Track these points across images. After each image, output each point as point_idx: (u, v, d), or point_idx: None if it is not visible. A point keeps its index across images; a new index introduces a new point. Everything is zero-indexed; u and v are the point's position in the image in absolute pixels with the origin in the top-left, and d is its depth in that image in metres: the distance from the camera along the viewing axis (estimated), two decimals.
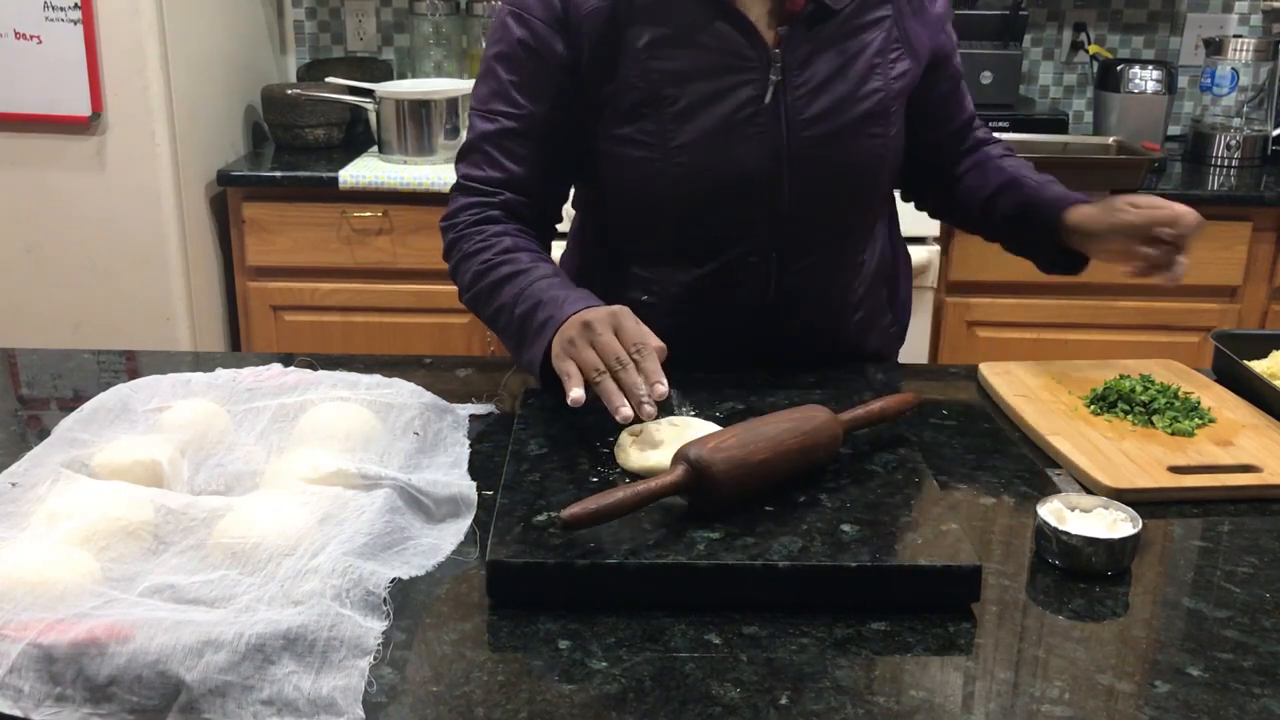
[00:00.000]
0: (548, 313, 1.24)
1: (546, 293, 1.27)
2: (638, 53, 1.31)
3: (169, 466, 1.08)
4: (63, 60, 2.47)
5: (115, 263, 2.62)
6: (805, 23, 1.32)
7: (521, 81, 1.36)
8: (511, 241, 1.36)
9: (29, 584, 0.88)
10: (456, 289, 1.42)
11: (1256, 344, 1.49)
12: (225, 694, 0.80)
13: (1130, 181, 2.67)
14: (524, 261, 1.33)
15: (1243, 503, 1.17)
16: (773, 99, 1.32)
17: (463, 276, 1.38)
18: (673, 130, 1.32)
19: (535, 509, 1.03)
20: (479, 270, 1.35)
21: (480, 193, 1.40)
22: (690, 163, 1.33)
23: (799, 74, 1.33)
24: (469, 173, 1.41)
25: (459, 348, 2.76)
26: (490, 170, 1.39)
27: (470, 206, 1.40)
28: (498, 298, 1.32)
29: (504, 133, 1.38)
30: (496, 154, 1.38)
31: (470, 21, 3.16)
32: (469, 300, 1.39)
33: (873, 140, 1.37)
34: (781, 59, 1.32)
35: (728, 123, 1.32)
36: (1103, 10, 3.22)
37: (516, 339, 1.28)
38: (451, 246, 1.40)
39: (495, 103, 1.38)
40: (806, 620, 0.95)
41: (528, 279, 1.30)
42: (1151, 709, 0.86)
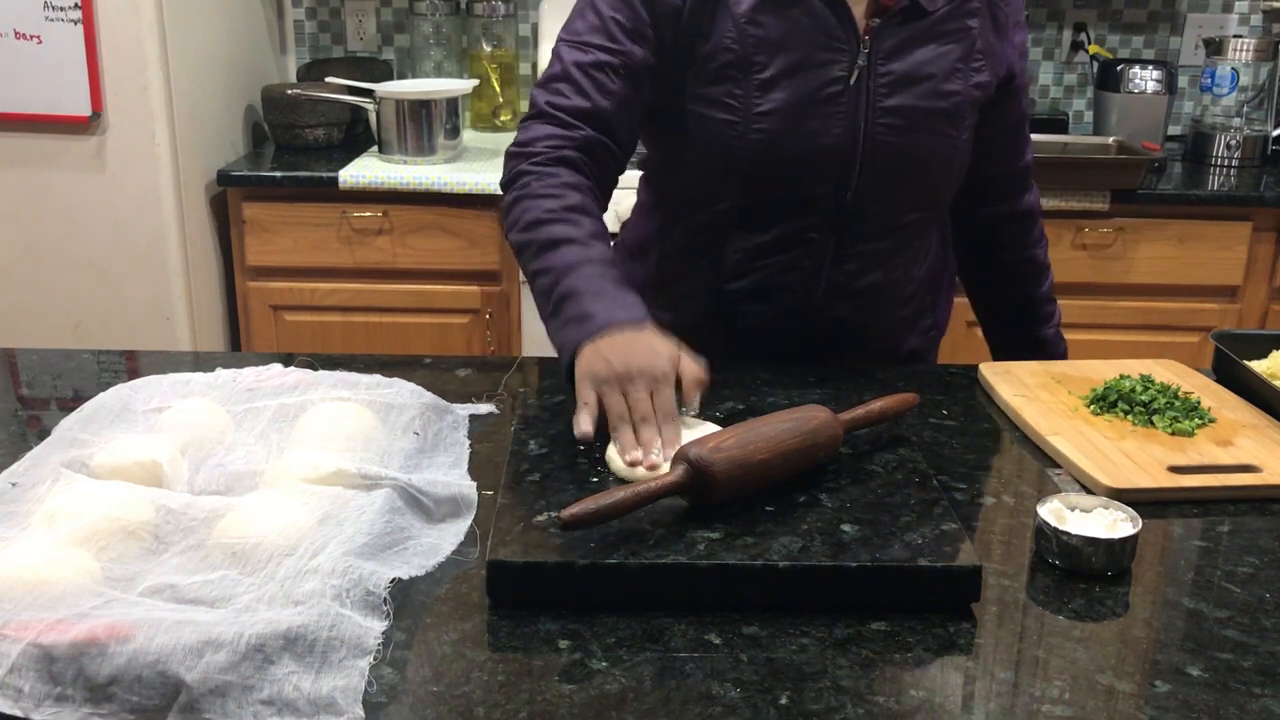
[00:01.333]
0: (587, 307, 1.21)
1: (597, 283, 1.24)
2: (737, 16, 1.34)
3: (169, 466, 1.08)
4: (63, 60, 2.47)
5: (115, 263, 2.62)
6: (898, 17, 1.36)
7: (625, 21, 1.35)
8: (579, 200, 1.32)
9: (29, 584, 0.88)
10: (505, 218, 1.37)
11: (1256, 344, 1.49)
12: (225, 694, 0.80)
13: (1130, 181, 2.67)
14: (585, 228, 1.29)
15: (1243, 503, 1.17)
16: (856, 82, 1.36)
17: (519, 214, 1.33)
18: (758, 97, 1.35)
19: (535, 509, 1.03)
20: (538, 219, 1.30)
21: (563, 123, 1.35)
22: (770, 130, 1.36)
23: (884, 63, 1.36)
24: (553, 100, 1.36)
25: (459, 348, 2.77)
26: (578, 99, 1.35)
27: (550, 138, 1.35)
28: (546, 259, 1.27)
29: (598, 65, 1.35)
30: (586, 84, 1.35)
31: (470, 21, 3.16)
32: (516, 240, 1.33)
33: (944, 140, 1.41)
34: (870, 46, 1.35)
35: (811, 98, 1.35)
36: (1103, 10, 3.22)
37: (551, 309, 1.25)
38: (517, 178, 1.35)
39: (593, 36, 1.36)
40: (806, 620, 0.95)
41: (584, 254, 1.26)
42: (1151, 709, 0.86)
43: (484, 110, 3.17)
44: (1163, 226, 2.69)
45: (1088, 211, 2.67)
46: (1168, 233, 2.70)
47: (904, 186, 1.43)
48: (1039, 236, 1.62)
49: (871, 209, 1.42)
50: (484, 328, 2.77)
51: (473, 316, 2.76)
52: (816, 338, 1.48)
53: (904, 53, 1.37)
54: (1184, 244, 2.70)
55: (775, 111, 1.35)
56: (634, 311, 1.22)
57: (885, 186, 1.41)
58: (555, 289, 1.25)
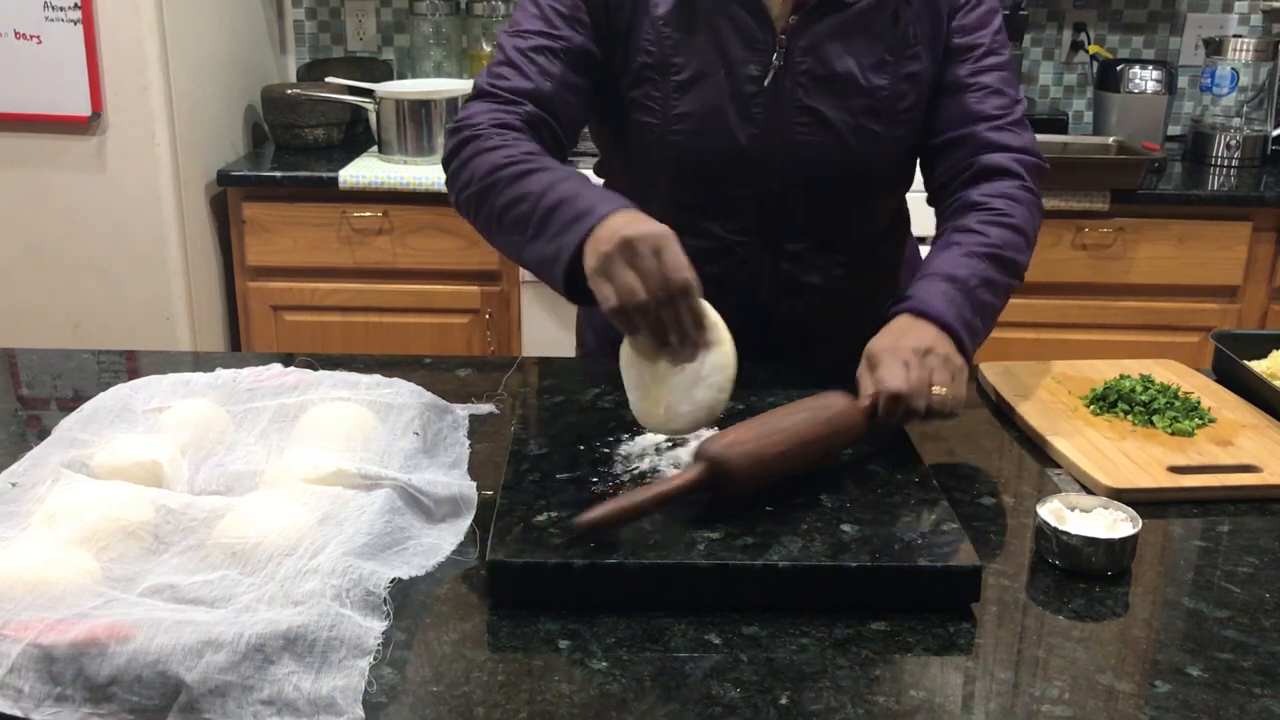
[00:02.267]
0: (583, 205, 1.15)
1: (582, 189, 1.18)
2: (654, 18, 1.34)
3: (169, 466, 1.08)
4: (63, 60, 2.47)
5: (115, 263, 2.62)
6: (816, 12, 1.34)
7: (563, 8, 1.35)
8: (536, 146, 1.28)
9: (29, 584, 0.88)
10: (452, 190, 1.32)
11: (1256, 344, 1.49)
12: (225, 694, 0.80)
13: (1130, 181, 2.67)
14: (551, 163, 1.25)
15: (1243, 503, 1.17)
16: (772, 82, 1.34)
17: (471, 171, 1.27)
18: (675, 99, 1.35)
19: (535, 509, 1.03)
20: (499, 163, 1.24)
21: (504, 100, 1.34)
22: (687, 132, 1.36)
23: (802, 60, 1.34)
24: (494, 82, 1.35)
25: (459, 348, 2.76)
26: (518, 80, 1.34)
27: (491, 111, 1.33)
28: (519, 187, 1.21)
29: (537, 49, 1.35)
30: (526, 66, 1.34)
31: (470, 21, 3.16)
32: (475, 193, 1.27)
33: (868, 135, 1.36)
34: (787, 44, 1.34)
35: (728, 98, 1.34)
36: (1103, 10, 3.22)
37: (537, 228, 1.18)
38: (462, 145, 1.30)
39: (532, 23, 1.36)
40: (806, 620, 0.95)
41: (557, 175, 1.21)
42: (1151, 709, 0.86)
43: None
44: (1163, 226, 2.69)
45: (1087, 211, 2.67)
46: (1168, 233, 2.70)
47: (834, 186, 1.40)
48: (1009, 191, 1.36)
49: (798, 208, 1.40)
50: (484, 328, 2.77)
51: (473, 316, 2.76)
52: (776, 335, 1.45)
53: (822, 49, 1.34)
54: (1184, 244, 2.70)
55: (692, 114, 1.35)
56: (629, 205, 1.16)
57: (813, 187, 1.39)
58: (537, 209, 1.19)
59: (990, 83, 1.39)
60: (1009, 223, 1.32)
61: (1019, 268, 1.33)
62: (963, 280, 1.26)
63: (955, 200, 1.38)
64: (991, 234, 1.31)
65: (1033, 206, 1.36)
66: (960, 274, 1.27)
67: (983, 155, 1.37)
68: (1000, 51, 1.42)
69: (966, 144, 1.39)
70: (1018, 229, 1.33)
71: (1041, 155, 1.40)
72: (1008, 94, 1.40)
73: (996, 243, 1.30)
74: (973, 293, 1.26)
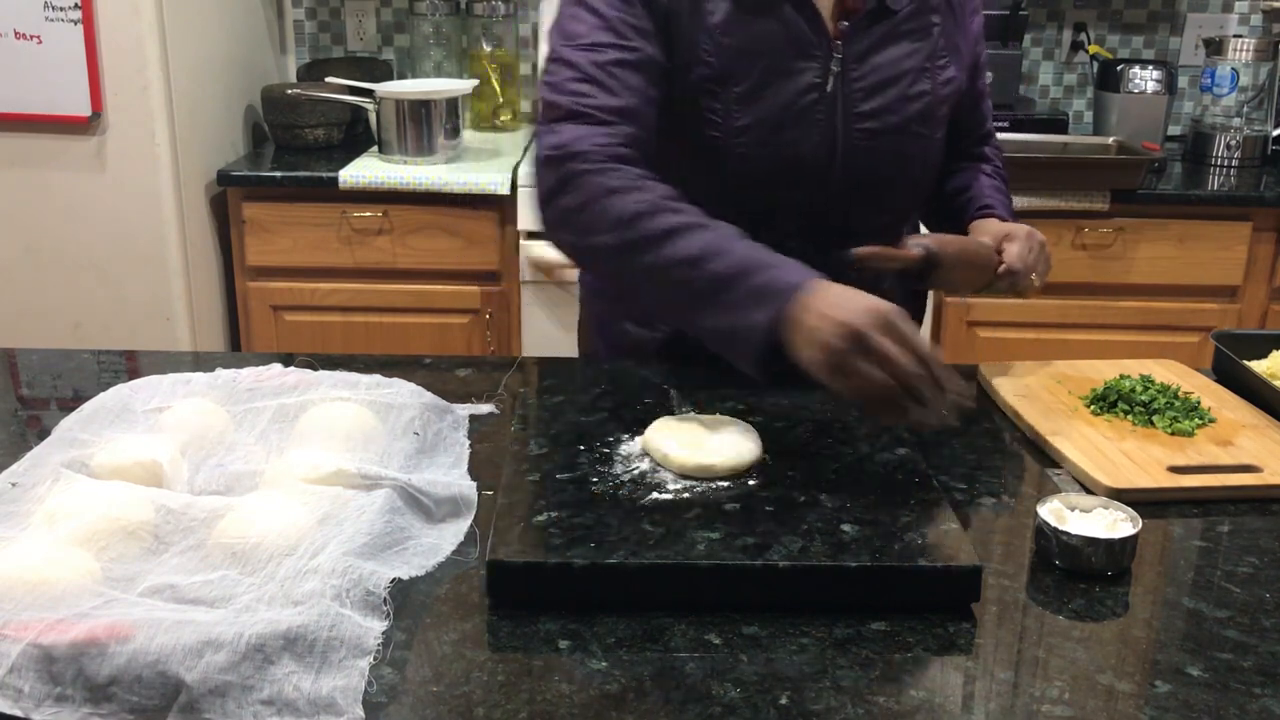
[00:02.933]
0: (764, 280, 1.10)
1: (752, 256, 1.12)
2: (711, 27, 1.32)
3: (169, 466, 1.08)
4: (63, 60, 2.47)
5: (115, 263, 2.62)
6: (866, 20, 1.35)
7: (631, 19, 1.29)
8: (669, 190, 1.20)
9: (29, 584, 0.88)
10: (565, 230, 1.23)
11: (1256, 344, 1.49)
12: (225, 694, 0.80)
13: (1130, 181, 2.67)
14: (701, 217, 1.17)
15: (1243, 503, 1.17)
16: (833, 88, 1.35)
17: (598, 215, 1.18)
18: (736, 111, 1.33)
19: (535, 509, 1.03)
20: (636, 213, 1.16)
21: (601, 121, 1.23)
22: (752, 143, 1.34)
23: (857, 67, 1.35)
24: (581, 101, 1.24)
25: (459, 348, 2.77)
26: (607, 98, 1.24)
27: (594, 137, 1.22)
28: (674, 249, 1.14)
29: (617, 63, 1.26)
30: (611, 82, 1.25)
31: (470, 21, 3.16)
32: (609, 245, 1.18)
33: (920, 141, 1.41)
34: (842, 50, 1.34)
35: (790, 107, 1.34)
36: (1103, 10, 3.22)
37: (708, 298, 1.12)
38: (574, 179, 1.20)
39: (601, 35, 1.27)
40: (806, 620, 0.95)
41: (719, 235, 1.15)
42: (1151, 709, 0.86)
43: (484, 110, 3.17)
44: (1163, 226, 2.69)
45: (1088, 211, 2.67)
46: (1168, 233, 2.70)
47: (882, 189, 1.42)
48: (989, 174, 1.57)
49: (850, 213, 1.41)
50: (484, 328, 2.77)
51: (473, 316, 2.76)
52: None
53: (874, 55, 1.36)
54: (1184, 244, 2.70)
55: (754, 125, 1.33)
56: (808, 270, 1.11)
57: (865, 190, 1.40)
58: (703, 275, 1.11)
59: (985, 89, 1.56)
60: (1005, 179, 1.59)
61: None
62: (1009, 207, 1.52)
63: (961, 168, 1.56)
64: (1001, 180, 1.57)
65: None
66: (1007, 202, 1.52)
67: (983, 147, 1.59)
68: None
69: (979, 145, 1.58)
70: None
71: None
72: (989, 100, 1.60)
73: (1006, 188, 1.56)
74: None
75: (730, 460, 1.11)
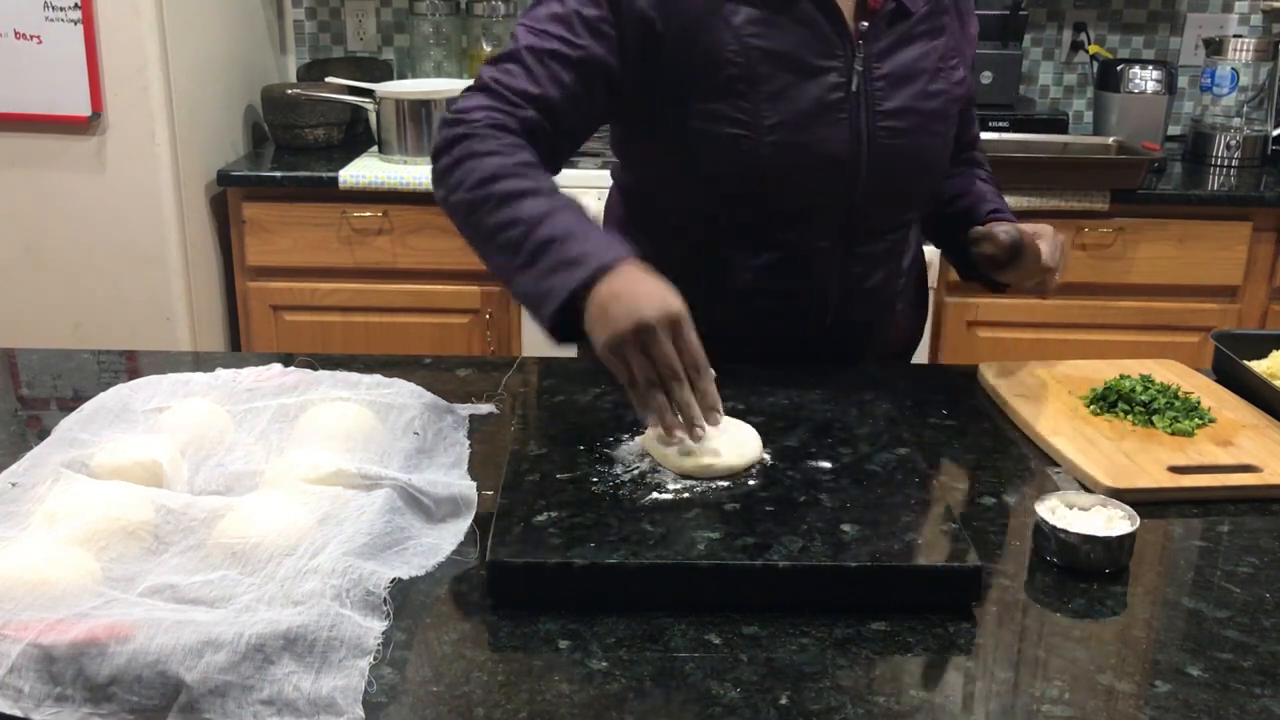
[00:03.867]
0: (578, 250, 1.14)
1: (578, 226, 1.17)
2: (736, 28, 1.32)
3: (169, 466, 1.08)
4: (63, 60, 2.46)
5: (115, 263, 2.62)
6: (885, 19, 1.37)
7: (589, 15, 1.30)
8: (533, 157, 1.25)
9: (29, 584, 0.88)
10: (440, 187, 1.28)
11: (1256, 344, 1.49)
12: (225, 694, 0.80)
13: (1130, 181, 2.67)
14: (547, 184, 1.22)
15: (1243, 503, 1.17)
16: (857, 86, 1.36)
17: (463, 174, 1.24)
18: (766, 109, 1.33)
19: (535, 509, 1.03)
20: (492, 174, 1.22)
21: (506, 99, 1.29)
22: (781, 142, 1.34)
23: (879, 66, 1.37)
24: (500, 78, 1.30)
25: (459, 348, 2.76)
26: (526, 83, 1.29)
27: (491, 109, 1.28)
28: (513, 210, 1.19)
29: (553, 54, 1.29)
30: (538, 70, 1.29)
31: (470, 21, 3.16)
32: (463, 200, 1.24)
33: (936, 138, 1.43)
34: (864, 49, 1.36)
35: (817, 105, 1.35)
36: (1103, 10, 3.22)
37: (527, 259, 1.17)
38: (455, 141, 1.27)
39: (553, 25, 1.31)
40: (806, 620, 0.95)
41: (554, 203, 1.19)
42: (1151, 709, 0.86)
43: None
44: (1163, 226, 2.69)
45: (1088, 211, 2.67)
46: (1168, 233, 2.70)
47: (906, 185, 1.44)
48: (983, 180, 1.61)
49: (876, 211, 1.43)
50: (484, 328, 2.77)
51: (473, 316, 2.76)
52: (825, 343, 1.47)
53: (895, 54, 1.38)
54: (1184, 244, 2.70)
55: (784, 123, 1.34)
56: (623, 248, 1.16)
57: (890, 187, 1.41)
58: (529, 239, 1.17)
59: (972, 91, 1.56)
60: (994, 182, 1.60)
61: None
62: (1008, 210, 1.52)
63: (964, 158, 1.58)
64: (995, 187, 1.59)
65: None
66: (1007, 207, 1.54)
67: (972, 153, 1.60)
68: None
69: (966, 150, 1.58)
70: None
71: None
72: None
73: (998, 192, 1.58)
74: None
75: (730, 460, 1.11)
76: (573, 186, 1.63)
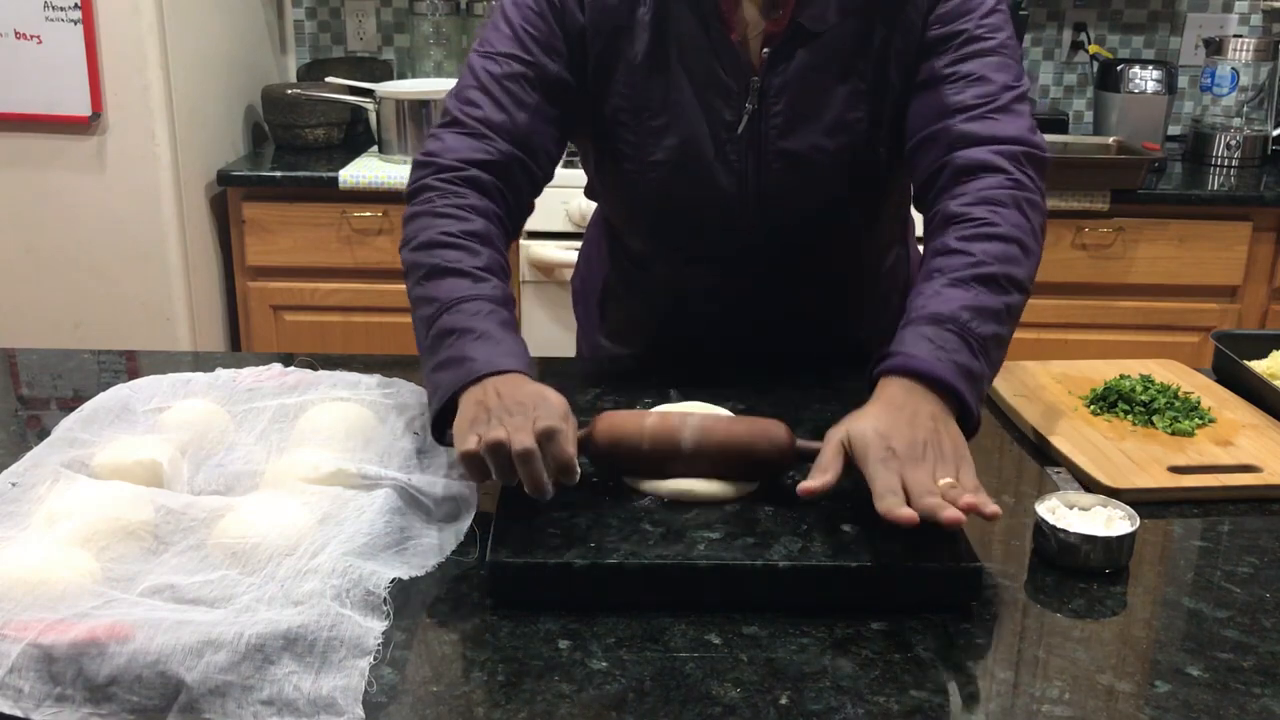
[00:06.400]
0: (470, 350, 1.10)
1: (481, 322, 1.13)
2: (630, 61, 1.29)
3: (169, 466, 1.08)
4: (63, 60, 2.47)
5: (115, 263, 2.62)
6: (786, 46, 1.26)
7: (537, 33, 1.28)
8: (482, 227, 1.22)
9: (29, 584, 0.88)
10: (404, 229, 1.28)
11: (1256, 344, 1.49)
12: (225, 694, 0.80)
13: (1130, 181, 2.67)
14: (481, 259, 1.19)
15: (1243, 503, 1.17)
16: (746, 128, 1.29)
17: (414, 230, 1.24)
18: (650, 143, 1.31)
19: (535, 509, 1.03)
20: (433, 240, 1.20)
21: (478, 134, 1.26)
22: (661, 179, 1.32)
23: (775, 102, 1.28)
24: (468, 110, 1.27)
25: None
26: (493, 111, 1.26)
27: (462, 150, 1.26)
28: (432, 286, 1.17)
29: (512, 76, 1.27)
30: (502, 96, 1.26)
31: (470, 21, 3.16)
32: (406, 260, 1.24)
33: (845, 167, 1.31)
34: (760, 86, 1.27)
35: (703, 144, 1.30)
36: (1103, 10, 3.22)
37: (429, 343, 1.15)
38: (420, 191, 1.26)
39: (506, 45, 1.28)
40: (806, 620, 0.95)
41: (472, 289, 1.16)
42: (1151, 709, 0.86)
43: None
44: (1163, 226, 2.69)
45: (1088, 211, 2.68)
46: (1168, 233, 2.70)
47: (812, 220, 1.36)
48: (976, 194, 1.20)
49: (786, 245, 1.37)
50: None
51: None
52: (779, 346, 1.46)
53: (795, 87, 1.27)
54: (1184, 244, 2.70)
55: (667, 161, 1.30)
56: (519, 360, 1.11)
57: (792, 224, 1.35)
58: (436, 322, 1.14)
59: (972, 70, 1.24)
60: (994, 233, 1.15)
61: (1018, 281, 1.15)
62: (950, 317, 1.10)
63: (935, 214, 1.22)
64: (975, 251, 1.14)
65: (1024, 204, 1.18)
66: (946, 311, 1.10)
67: (957, 152, 1.22)
68: (989, 36, 1.25)
69: (939, 141, 1.23)
70: (1006, 238, 1.15)
71: (1038, 142, 1.23)
72: (995, 80, 1.23)
73: (983, 260, 1.13)
74: (965, 329, 1.09)
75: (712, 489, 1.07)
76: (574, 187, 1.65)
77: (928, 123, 1.25)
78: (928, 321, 1.10)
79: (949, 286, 1.12)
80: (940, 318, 1.10)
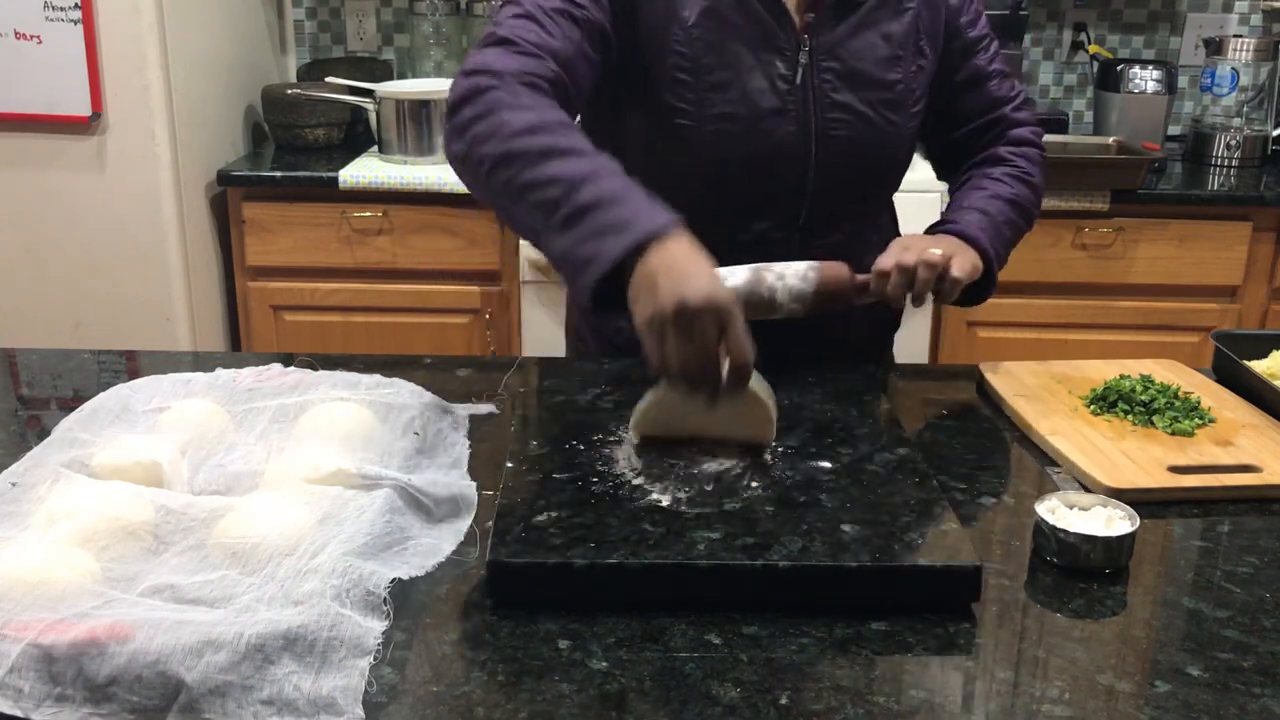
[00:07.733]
0: (625, 214, 1.07)
1: (624, 191, 1.09)
2: (684, 19, 1.34)
3: (169, 466, 1.08)
4: (63, 60, 2.47)
5: (115, 263, 2.62)
6: (832, 11, 1.37)
7: None
8: (567, 116, 1.18)
9: (29, 584, 0.88)
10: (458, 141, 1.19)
11: (1256, 344, 1.49)
12: (225, 694, 0.80)
13: (1130, 181, 2.67)
14: (586, 145, 1.15)
15: (1243, 503, 1.17)
16: (802, 80, 1.37)
17: (492, 125, 1.16)
18: (710, 99, 1.35)
19: (535, 509, 1.03)
20: (528, 126, 1.14)
21: (530, 54, 1.22)
22: (725, 132, 1.36)
23: (825, 59, 1.38)
24: (517, 32, 1.24)
25: (459, 348, 2.76)
26: (542, 36, 1.24)
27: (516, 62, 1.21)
28: (552, 167, 1.11)
29: (560, 11, 1.27)
30: (549, 25, 1.25)
31: (470, 21, 3.16)
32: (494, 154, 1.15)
33: (893, 129, 1.42)
34: (810, 43, 1.37)
35: (762, 97, 1.36)
36: (1103, 10, 3.22)
37: (565, 221, 1.09)
38: (480, 91, 1.18)
39: None
40: (806, 620, 0.95)
41: (596, 164, 1.12)
42: (1151, 709, 0.86)
43: None
44: (1163, 226, 2.69)
45: (1088, 211, 2.67)
46: (1168, 233, 2.70)
47: (858, 178, 1.44)
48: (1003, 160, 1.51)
49: (831, 201, 1.43)
50: (484, 328, 2.77)
51: (473, 316, 2.76)
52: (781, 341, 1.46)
53: (842, 46, 1.38)
54: (1184, 244, 2.70)
55: (729, 114, 1.36)
56: (671, 214, 1.08)
57: (842, 178, 1.42)
58: (569, 199, 1.08)
59: (999, 67, 1.52)
60: (1030, 180, 1.49)
61: (1032, 219, 1.50)
62: (993, 215, 1.43)
63: (984, 155, 1.51)
64: (1015, 187, 1.47)
65: (1046, 172, 1.53)
66: (991, 210, 1.43)
67: (1011, 131, 1.52)
68: (995, 38, 1.53)
69: (997, 126, 1.52)
70: (1035, 187, 1.50)
71: None
72: (1011, 76, 1.54)
73: (1019, 194, 1.47)
74: (999, 228, 1.42)
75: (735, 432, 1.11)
76: None
77: (984, 113, 1.52)
78: (977, 212, 1.43)
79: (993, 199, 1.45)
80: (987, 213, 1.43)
